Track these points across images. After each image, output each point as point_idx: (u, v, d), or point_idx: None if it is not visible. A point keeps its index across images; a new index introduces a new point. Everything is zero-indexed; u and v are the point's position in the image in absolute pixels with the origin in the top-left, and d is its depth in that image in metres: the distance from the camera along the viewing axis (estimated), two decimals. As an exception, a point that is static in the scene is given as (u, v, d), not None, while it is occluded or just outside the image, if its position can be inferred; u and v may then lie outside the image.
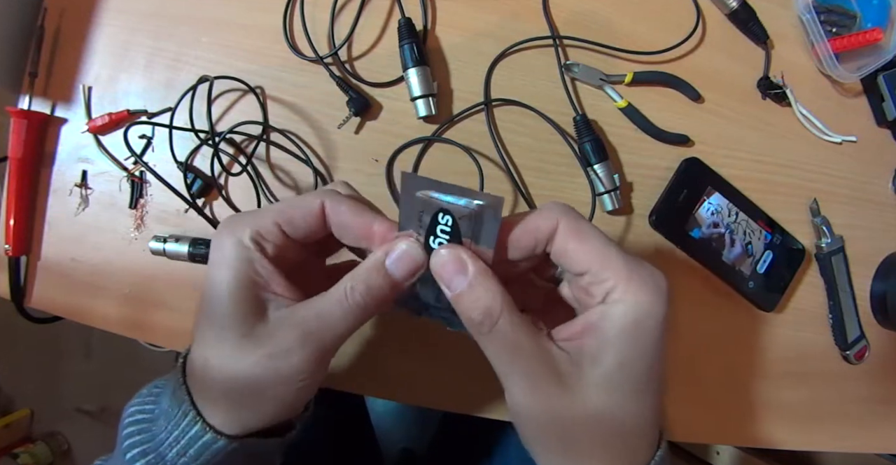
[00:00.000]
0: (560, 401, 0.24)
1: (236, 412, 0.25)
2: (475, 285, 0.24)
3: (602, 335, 0.24)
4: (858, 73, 0.45)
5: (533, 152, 0.44)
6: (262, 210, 0.27)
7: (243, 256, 0.25)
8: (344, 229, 0.27)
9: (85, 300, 0.44)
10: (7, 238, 0.43)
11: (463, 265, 0.24)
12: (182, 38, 0.44)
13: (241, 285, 0.25)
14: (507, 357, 0.25)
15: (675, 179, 0.43)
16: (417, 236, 0.26)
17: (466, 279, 0.24)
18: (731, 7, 0.45)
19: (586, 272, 0.24)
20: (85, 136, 0.44)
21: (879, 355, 0.47)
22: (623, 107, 0.44)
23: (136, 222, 0.43)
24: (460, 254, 0.25)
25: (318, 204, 0.26)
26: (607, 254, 0.24)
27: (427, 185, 0.24)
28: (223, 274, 0.25)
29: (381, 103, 0.44)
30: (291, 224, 0.26)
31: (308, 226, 0.26)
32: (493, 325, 0.24)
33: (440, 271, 0.25)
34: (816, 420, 0.47)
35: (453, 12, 0.44)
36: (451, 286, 0.25)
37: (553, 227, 0.25)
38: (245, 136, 0.43)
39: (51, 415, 1.30)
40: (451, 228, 0.25)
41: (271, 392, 0.25)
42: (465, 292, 0.24)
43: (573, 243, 0.25)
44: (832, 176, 0.47)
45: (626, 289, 0.23)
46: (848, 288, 0.47)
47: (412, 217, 0.25)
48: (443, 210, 0.25)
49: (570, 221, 0.25)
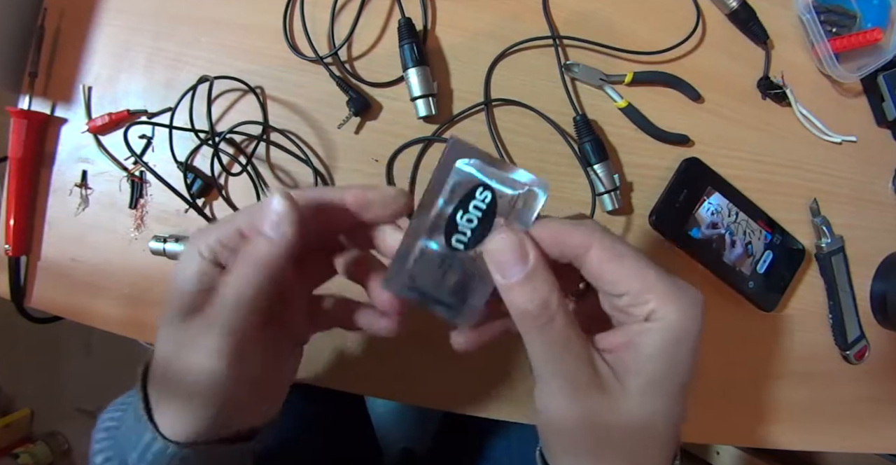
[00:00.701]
0: (600, 408, 0.24)
1: (183, 410, 0.25)
2: (535, 276, 0.23)
3: (643, 350, 0.24)
4: (858, 73, 0.45)
5: (533, 152, 0.44)
6: (229, 218, 0.26)
7: (194, 266, 0.25)
8: (326, 213, 0.26)
9: (85, 300, 0.44)
10: (7, 238, 0.43)
11: (524, 253, 0.23)
12: (182, 38, 0.44)
13: (187, 291, 0.25)
14: (556, 356, 0.24)
15: (675, 179, 0.43)
16: (441, 212, 0.24)
17: (525, 269, 0.23)
18: (731, 7, 0.45)
19: (625, 294, 0.24)
20: (85, 136, 0.44)
21: (879, 355, 0.47)
22: (623, 107, 0.44)
23: (136, 222, 0.43)
24: (523, 241, 0.24)
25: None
26: (646, 276, 0.24)
27: (473, 154, 0.24)
28: (178, 280, 0.25)
29: (381, 103, 0.44)
30: (254, 230, 0.25)
31: None
32: (551, 319, 0.23)
33: (497, 257, 0.24)
34: (816, 420, 0.47)
35: (453, 12, 0.44)
36: (506, 274, 0.23)
37: (584, 244, 0.24)
38: (245, 136, 0.43)
39: (51, 415, 1.30)
40: (487, 207, 0.24)
41: (208, 392, 0.25)
42: (521, 282, 0.23)
43: (611, 265, 0.24)
44: (832, 176, 0.47)
45: (668, 309, 0.23)
46: (848, 288, 0.47)
47: (443, 187, 0.24)
48: (483, 186, 0.24)
49: (605, 242, 0.24)
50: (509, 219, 0.24)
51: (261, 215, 0.25)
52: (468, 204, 0.24)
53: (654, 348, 0.23)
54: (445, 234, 0.25)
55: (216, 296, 0.25)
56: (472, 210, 0.24)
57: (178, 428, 0.25)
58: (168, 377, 0.25)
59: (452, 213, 0.24)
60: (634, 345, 0.24)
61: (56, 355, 1.30)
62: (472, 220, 0.24)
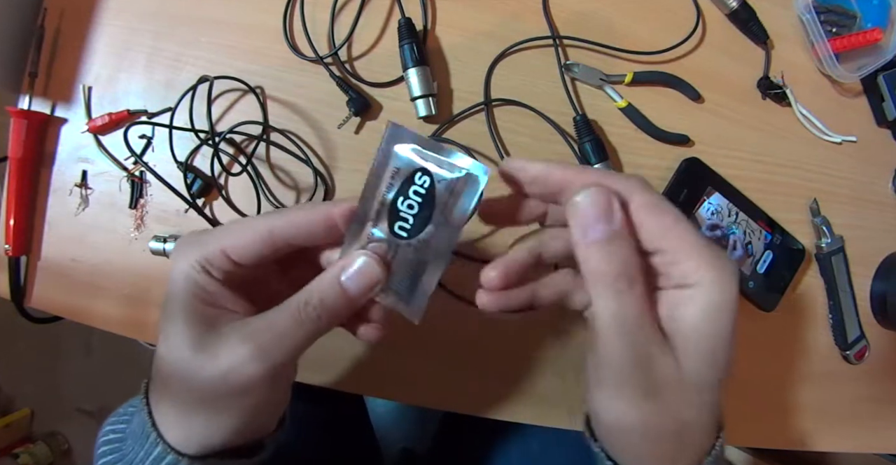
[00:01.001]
0: (651, 386, 0.23)
1: (195, 425, 0.25)
2: (618, 237, 0.22)
3: (688, 324, 0.23)
4: (858, 73, 0.45)
5: (533, 152, 0.44)
6: (210, 235, 0.26)
7: (191, 277, 0.25)
8: (302, 235, 0.26)
9: (85, 300, 0.44)
10: (7, 238, 0.43)
11: (611, 212, 0.22)
12: (182, 38, 0.44)
13: (190, 304, 0.25)
14: (629, 327, 0.22)
15: (675, 179, 0.43)
16: (383, 198, 0.24)
17: (611, 228, 0.22)
18: (731, 7, 0.45)
19: (660, 251, 0.23)
20: (85, 136, 0.44)
21: (879, 355, 0.47)
22: (623, 107, 0.44)
23: (136, 222, 0.43)
24: (612, 200, 0.22)
25: (265, 231, 0.25)
26: (686, 235, 0.23)
27: (411, 138, 0.23)
28: (176, 294, 0.25)
29: (381, 103, 0.44)
30: (237, 253, 0.25)
31: (256, 253, 0.26)
32: (632, 285, 0.22)
33: (584, 210, 0.22)
34: (816, 420, 0.47)
35: (453, 12, 0.44)
36: (588, 232, 0.22)
37: (627, 191, 0.23)
38: (245, 136, 0.43)
39: (51, 415, 1.30)
40: (427, 191, 0.24)
41: (225, 406, 0.25)
42: (604, 241, 0.22)
43: (652, 217, 0.23)
44: (832, 176, 0.47)
45: (706, 273, 0.22)
46: (848, 288, 0.47)
47: (383, 173, 0.24)
48: (421, 170, 0.23)
49: (649, 195, 0.23)
50: (448, 205, 0.24)
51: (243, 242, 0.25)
52: (408, 190, 0.24)
53: (698, 318, 0.22)
54: (388, 221, 0.25)
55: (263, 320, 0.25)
56: (412, 196, 0.24)
57: (186, 440, 0.25)
58: (179, 391, 0.25)
59: (393, 199, 0.24)
60: (678, 319, 0.23)
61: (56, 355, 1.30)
62: (412, 206, 0.24)
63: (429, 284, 0.26)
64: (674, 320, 0.23)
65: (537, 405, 0.43)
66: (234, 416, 0.25)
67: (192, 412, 0.25)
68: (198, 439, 0.25)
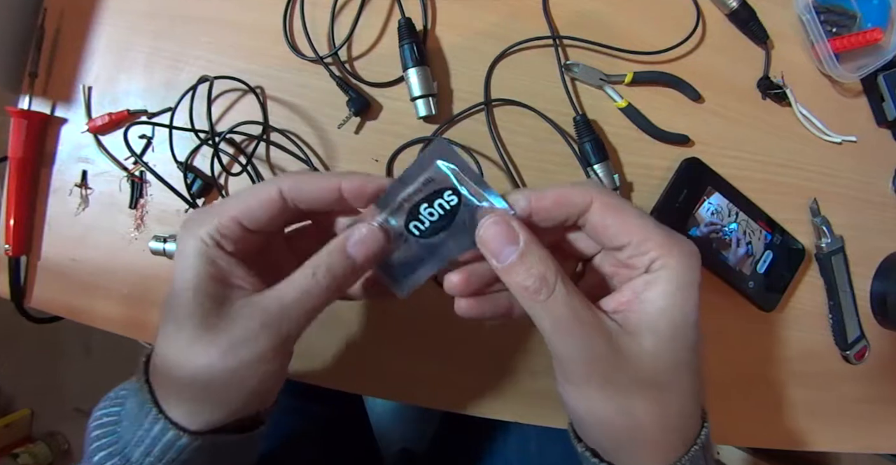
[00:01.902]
0: (620, 375, 0.24)
1: (200, 404, 0.25)
2: (527, 254, 0.24)
3: (652, 303, 0.24)
4: (858, 73, 0.45)
5: (533, 152, 0.44)
6: (221, 205, 0.27)
7: (202, 252, 0.25)
8: (310, 199, 0.26)
9: (85, 300, 0.44)
10: (7, 238, 0.43)
11: (513, 235, 0.24)
12: (182, 38, 0.44)
13: (202, 281, 0.25)
14: (566, 327, 0.24)
15: (675, 179, 0.43)
16: (409, 197, 0.26)
17: (518, 249, 0.24)
18: (731, 7, 0.45)
19: (626, 245, 0.25)
20: (85, 136, 0.44)
21: (879, 355, 0.47)
22: (623, 107, 0.44)
23: (136, 222, 0.43)
24: (510, 223, 0.24)
25: (276, 191, 0.26)
26: (646, 226, 0.25)
27: (456, 160, 0.25)
28: (184, 272, 0.25)
29: (381, 103, 0.44)
30: (250, 217, 0.26)
31: (269, 216, 0.26)
32: (551, 292, 0.24)
33: (489, 242, 0.25)
34: (816, 420, 0.47)
35: (453, 12, 0.44)
36: (500, 258, 0.24)
37: (587, 202, 0.25)
38: (245, 136, 0.43)
39: (51, 415, 1.30)
40: (451, 209, 0.26)
41: (236, 381, 0.25)
42: (516, 262, 0.24)
43: (612, 218, 0.25)
44: (832, 176, 0.47)
45: (668, 257, 0.24)
46: (848, 288, 0.47)
47: (417, 178, 0.26)
48: (454, 190, 0.26)
49: (605, 197, 0.25)
50: (465, 225, 0.26)
51: (257, 204, 0.26)
52: (434, 200, 0.26)
53: (662, 299, 0.24)
54: (406, 218, 0.26)
55: (272, 293, 0.25)
56: (436, 206, 0.26)
57: (190, 418, 0.25)
58: (185, 372, 0.25)
59: (418, 202, 0.26)
60: (641, 300, 0.24)
61: (56, 355, 1.30)
62: (433, 214, 0.26)
63: (422, 275, 0.28)
64: (641, 303, 0.24)
65: (537, 404, 0.43)
66: (241, 392, 0.25)
67: (200, 391, 0.25)
68: (204, 416, 0.25)
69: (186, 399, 0.25)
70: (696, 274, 0.24)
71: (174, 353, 0.25)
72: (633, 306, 0.25)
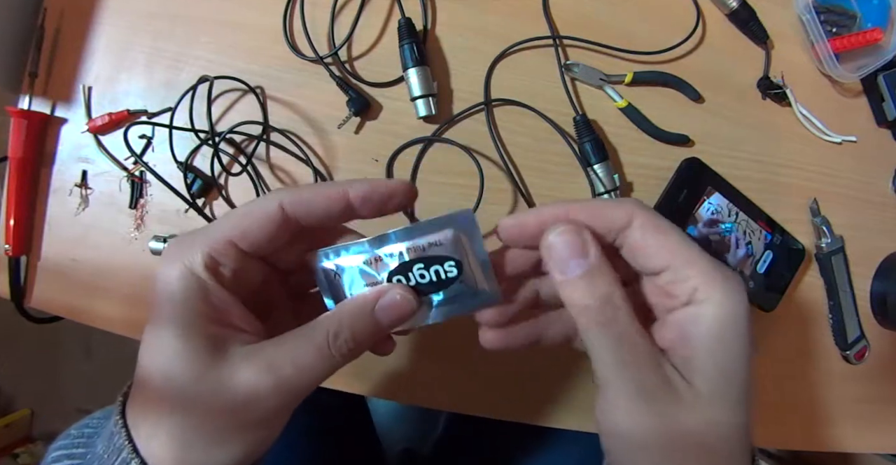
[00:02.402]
0: (676, 414, 0.22)
1: (190, 453, 0.22)
2: (596, 271, 0.22)
3: (700, 342, 0.22)
4: (858, 73, 0.45)
5: (533, 152, 0.44)
6: (213, 226, 0.24)
7: (195, 287, 0.22)
8: (315, 210, 0.24)
9: (85, 300, 0.44)
10: (7, 238, 0.43)
11: (584, 248, 0.22)
12: (182, 38, 0.44)
13: (194, 324, 0.22)
14: (624, 356, 0.22)
15: (675, 179, 0.43)
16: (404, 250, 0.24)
17: (587, 263, 0.22)
18: (731, 7, 0.45)
19: (666, 269, 0.23)
20: (85, 136, 0.44)
21: (879, 355, 0.47)
22: (623, 107, 0.44)
23: (136, 222, 0.43)
24: (582, 235, 0.23)
25: (275, 204, 0.23)
26: (689, 251, 0.23)
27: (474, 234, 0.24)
28: (173, 310, 0.22)
29: (381, 103, 0.44)
30: (248, 238, 0.23)
31: (268, 234, 0.23)
32: (614, 315, 0.22)
33: (556, 250, 0.23)
34: (816, 420, 0.47)
35: (453, 12, 0.44)
36: (565, 269, 0.22)
37: (626, 217, 0.23)
38: (245, 136, 0.43)
39: (51, 415, 1.30)
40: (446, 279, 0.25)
41: (235, 437, 0.22)
42: (581, 277, 0.22)
43: (653, 238, 0.23)
44: (832, 176, 0.47)
45: (712, 288, 0.22)
46: (848, 288, 0.47)
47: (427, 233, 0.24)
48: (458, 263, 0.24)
49: (647, 216, 0.23)
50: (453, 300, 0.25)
51: (253, 221, 0.23)
52: (432, 265, 0.24)
53: (710, 338, 0.22)
54: (395, 269, 0.25)
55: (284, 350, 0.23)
56: (431, 271, 0.24)
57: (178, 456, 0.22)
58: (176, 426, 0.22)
59: (414, 259, 0.24)
60: (689, 338, 0.22)
61: (56, 355, 1.30)
62: (424, 277, 0.25)
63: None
64: (688, 342, 0.22)
65: (539, 405, 0.43)
66: (240, 447, 0.23)
67: (192, 440, 0.22)
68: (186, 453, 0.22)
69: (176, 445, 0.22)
70: (743, 307, 0.22)
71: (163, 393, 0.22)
72: (681, 345, 0.23)
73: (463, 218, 0.24)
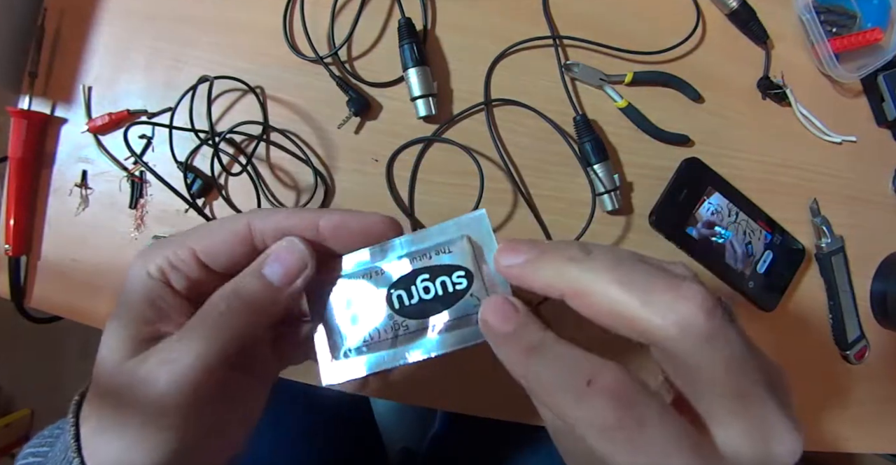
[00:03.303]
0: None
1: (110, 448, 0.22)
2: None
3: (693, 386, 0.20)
4: (858, 73, 0.45)
5: (533, 152, 0.44)
6: (184, 234, 0.24)
7: (145, 288, 0.23)
8: (283, 234, 0.23)
9: (85, 300, 0.44)
10: (7, 238, 0.43)
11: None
12: (182, 38, 0.44)
13: (133, 321, 0.22)
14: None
15: (675, 178, 0.43)
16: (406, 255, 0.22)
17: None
18: (731, 7, 0.45)
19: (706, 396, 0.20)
20: (85, 136, 0.44)
21: (879, 355, 0.47)
22: (623, 107, 0.44)
23: (136, 222, 0.43)
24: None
25: (243, 223, 0.23)
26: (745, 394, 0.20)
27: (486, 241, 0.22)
28: (121, 307, 0.23)
29: (381, 103, 0.44)
30: (209, 251, 0.23)
31: (230, 251, 0.23)
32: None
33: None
34: (816, 420, 0.47)
35: (453, 12, 0.44)
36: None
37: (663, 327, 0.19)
38: (245, 136, 0.43)
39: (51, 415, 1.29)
40: (454, 292, 0.22)
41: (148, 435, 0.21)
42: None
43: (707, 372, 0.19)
44: (832, 176, 0.47)
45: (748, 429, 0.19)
46: (848, 288, 0.47)
47: (434, 241, 0.22)
48: (467, 273, 0.22)
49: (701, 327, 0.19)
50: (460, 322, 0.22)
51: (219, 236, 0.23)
52: (438, 276, 0.22)
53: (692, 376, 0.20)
54: (396, 282, 0.22)
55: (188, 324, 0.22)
56: (436, 283, 0.22)
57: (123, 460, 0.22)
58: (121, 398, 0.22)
59: (419, 270, 0.22)
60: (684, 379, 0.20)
61: (56, 355, 1.30)
62: (429, 290, 0.22)
63: (388, 362, 0.24)
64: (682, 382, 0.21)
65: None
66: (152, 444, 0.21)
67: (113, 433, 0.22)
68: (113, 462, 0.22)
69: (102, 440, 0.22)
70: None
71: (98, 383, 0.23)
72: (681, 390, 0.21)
73: (475, 221, 0.22)
